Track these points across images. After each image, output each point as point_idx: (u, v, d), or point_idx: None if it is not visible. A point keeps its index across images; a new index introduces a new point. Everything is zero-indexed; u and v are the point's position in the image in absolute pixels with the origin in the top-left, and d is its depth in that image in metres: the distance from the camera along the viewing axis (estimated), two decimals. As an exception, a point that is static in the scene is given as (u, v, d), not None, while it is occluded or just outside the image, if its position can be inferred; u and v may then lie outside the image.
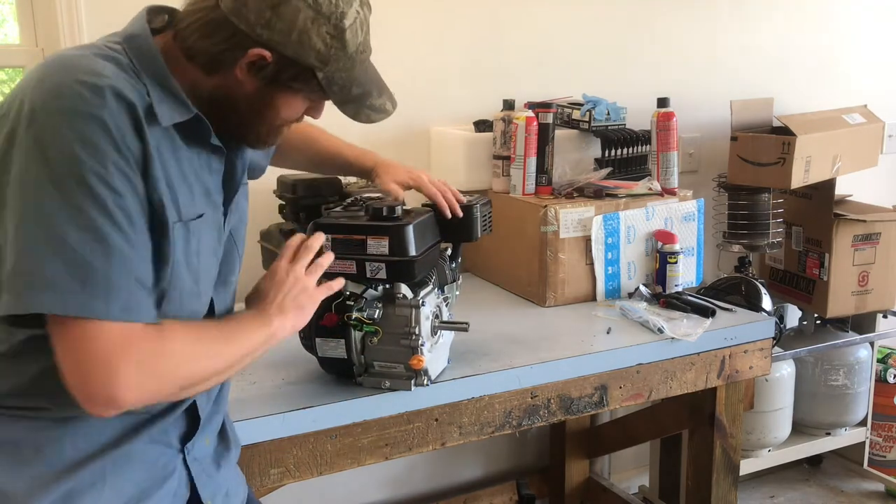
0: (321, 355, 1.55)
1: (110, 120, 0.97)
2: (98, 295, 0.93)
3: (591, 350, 1.80)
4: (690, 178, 2.71)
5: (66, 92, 0.96)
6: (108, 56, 1.04)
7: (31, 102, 0.97)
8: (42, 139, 0.94)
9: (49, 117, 0.95)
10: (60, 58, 1.03)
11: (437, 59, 2.38)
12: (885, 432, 3.06)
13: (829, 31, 3.08)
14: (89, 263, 0.93)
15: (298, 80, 1.12)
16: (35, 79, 1.00)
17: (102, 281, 0.94)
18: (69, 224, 0.93)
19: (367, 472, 2.38)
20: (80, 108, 0.95)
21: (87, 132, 0.95)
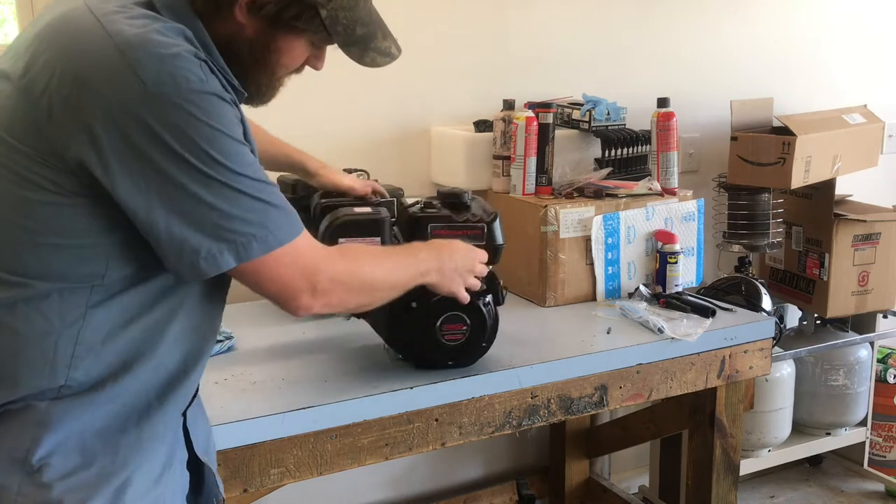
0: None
1: (222, 92, 1.02)
2: (282, 223, 1.06)
3: (591, 350, 1.80)
4: (690, 178, 2.71)
5: (183, 74, 0.97)
6: (166, 24, 1.03)
7: (136, 84, 0.96)
8: (172, 122, 0.97)
9: (175, 99, 0.97)
10: (136, 32, 1.00)
11: (437, 59, 2.38)
12: (885, 432, 3.06)
13: (830, 32, 3.08)
14: (271, 203, 1.05)
15: (301, 18, 1.10)
16: (117, 56, 0.97)
17: (278, 213, 1.06)
18: (238, 183, 1.01)
19: (367, 472, 2.37)
20: (201, 87, 0.99)
21: (218, 109, 1.00)
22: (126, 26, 0.99)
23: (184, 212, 0.99)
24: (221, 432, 1.42)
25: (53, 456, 1.01)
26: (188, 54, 1.00)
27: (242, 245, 1.02)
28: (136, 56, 0.97)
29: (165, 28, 1.01)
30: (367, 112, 2.30)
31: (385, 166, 2.23)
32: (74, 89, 0.97)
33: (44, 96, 0.98)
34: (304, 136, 2.05)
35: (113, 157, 0.97)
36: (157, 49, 0.98)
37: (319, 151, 1.85)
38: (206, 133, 0.98)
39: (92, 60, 0.98)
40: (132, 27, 1.00)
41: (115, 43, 0.98)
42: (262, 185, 1.04)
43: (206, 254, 1.01)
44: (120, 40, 0.98)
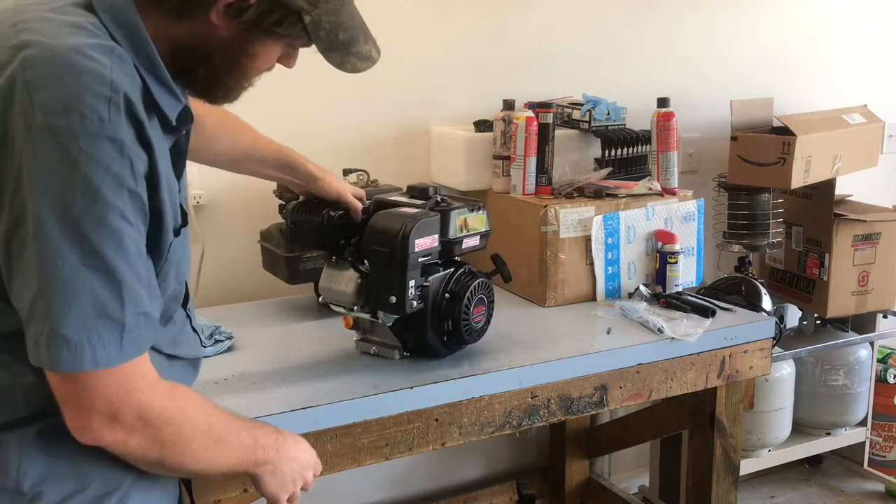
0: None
1: (126, 138, 0.88)
2: (112, 342, 0.89)
3: (591, 350, 1.80)
4: (690, 178, 2.71)
5: (79, 108, 0.85)
6: (95, 41, 0.90)
7: (27, 106, 0.85)
8: (49, 160, 0.84)
9: (58, 134, 0.85)
10: (46, 44, 0.87)
11: (437, 59, 2.38)
12: (886, 432, 3.06)
13: (830, 32, 3.08)
14: (106, 311, 0.88)
15: (283, 24, 1.02)
16: (25, 70, 0.86)
17: (115, 327, 0.89)
18: (84, 268, 0.86)
19: (367, 472, 2.37)
20: (98, 130, 0.86)
21: (105, 157, 0.86)
22: (40, 37, 0.88)
23: (30, 273, 0.86)
24: (221, 432, 1.41)
25: (45, 483, 0.97)
26: (100, 84, 0.87)
27: (52, 349, 0.87)
28: (35, 76, 0.86)
29: (91, 47, 0.89)
30: (367, 112, 2.30)
31: (385, 166, 2.23)
32: None
33: None
34: (304, 136, 2.05)
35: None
36: (61, 72, 0.86)
37: (319, 151, 1.85)
38: (76, 184, 0.85)
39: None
40: (48, 39, 0.88)
41: (21, 57, 0.87)
42: (117, 283, 0.88)
43: (30, 340, 0.88)
44: (27, 54, 0.87)
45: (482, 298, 1.68)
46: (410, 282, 1.53)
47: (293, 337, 1.85)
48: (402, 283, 1.53)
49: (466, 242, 1.67)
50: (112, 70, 0.89)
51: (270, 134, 1.64)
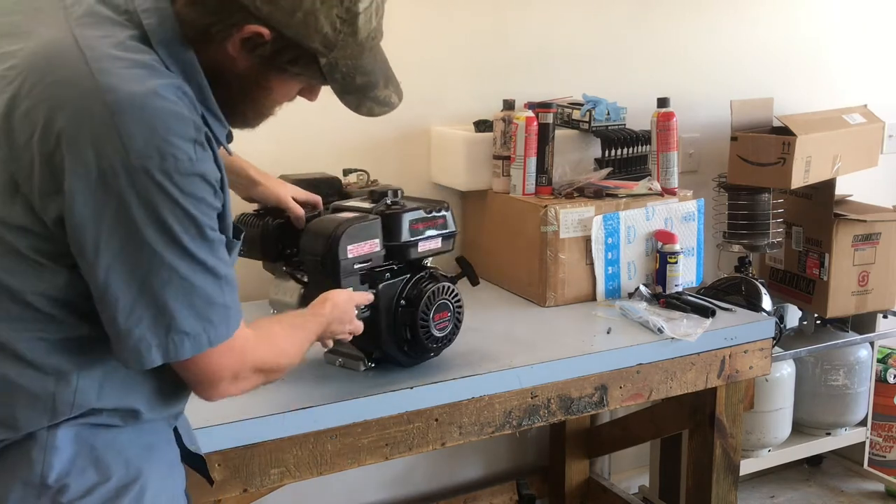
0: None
1: (209, 168, 0.98)
2: (221, 322, 1.02)
3: (591, 350, 1.80)
4: (690, 178, 2.70)
5: (172, 152, 0.92)
6: (167, 82, 0.96)
7: (121, 151, 0.90)
8: (150, 199, 0.92)
9: (156, 175, 0.92)
10: (127, 90, 0.92)
11: (437, 59, 2.38)
12: (886, 432, 3.06)
13: (830, 32, 3.08)
14: (213, 301, 1.00)
15: (298, 63, 1.04)
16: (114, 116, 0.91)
17: (223, 310, 1.02)
18: (193, 274, 0.97)
19: (367, 472, 2.37)
20: (189, 168, 0.94)
21: (198, 191, 0.96)
22: (119, 81, 0.93)
23: (125, 293, 0.95)
24: (221, 432, 1.42)
25: (70, 475, 1.00)
26: (184, 126, 0.94)
27: (174, 344, 0.98)
28: (125, 121, 0.91)
29: (164, 88, 0.95)
30: (367, 112, 2.30)
31: (385, 166, 2.23)
32: (59, 150, 0.91)
33: (26, 150, 0.93)
34: (304, 137, 2.06)
35: (79, 223, 0.92)
36: (151, 119, 0.92)
37: (319, 151, 1.85)
38: (180, 217, 0.94)
39: (79, 118, 0.91)
40: (127, 83, 0.93)
41: (105, 102, 0.91)
42: (218, 280, 1.00)
43: (133, 345, 0.97)
44: (111, 99, 0.91)
45: (445, 304, 1.61)
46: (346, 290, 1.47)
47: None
48: None
49: (423, 245, 1.60)
50: (189, 110, 0.96)
51: (270, 135, 1.62)
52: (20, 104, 0.93)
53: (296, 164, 2.00)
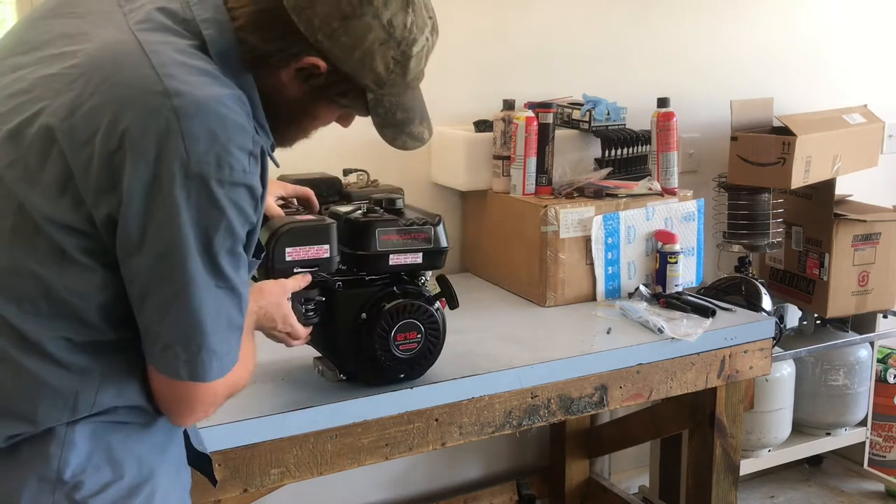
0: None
1: (257, 183, 0.98)
2: (237, 345, 1.03)
3: (591, 350, 1.80)
4: (690, 178, 2.70)
5: (229, 161, 0.94)
6: (229, 91, 0.97)
7: (183, 154, 0.92)
8: (199, 204, 0.93)
9: (209, 183, 0.93)
10: (193, 95, 0.94)
11: (437, 59, 2.36)
12: (886, 432, 3.06)
13: (830, 32, 3.08)
14: (234, 323, 1.01)
15: (347, 96, 1.08)
16: (180, 120, 0.92)
17: (239, 333, 1.03)
18: (221, 291, 0.98)
19: (367, 472, 2.37)
20: (241, 179, 0.95)
21: (242, 202, 0.97)
22: (186, 86, 0.94)
23: (169, 297, 0.96)
24: (221, 432, 1.42)
25: (85, 472, 1.00)
26: (243, 137, 0.96)
27: (202, 364, 0.99)
28: (190, 127, 0.93)
29: (228, 97, 0.97)
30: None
31: (385, 166, 2.23)
32: (121, 150, 0.93)
33: (87, 147, 0.93)
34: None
35: (128, 222, 0.93)
36: (214, 127, 0.94)
37: (319, 151, 1.85)
38: (222, 228, 0.96)
39: (145, 119, 0.93)
40: (193, 88, 0.95)
41: (172, 105, 0.93)
42: (239, 299, 1.01)
43: (164, 353, 0.98)
44: (178, 103, 0.93)
45: (412, 324, 1.52)
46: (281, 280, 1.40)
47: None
48: None
49: (396, 259, 1.52)
50: (248, 122, 0.98)
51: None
52: (84, 102, 0.94)
53: (296, 163, 1.99)
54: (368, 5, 1.01)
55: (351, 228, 1.51)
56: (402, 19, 1.04)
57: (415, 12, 1.06)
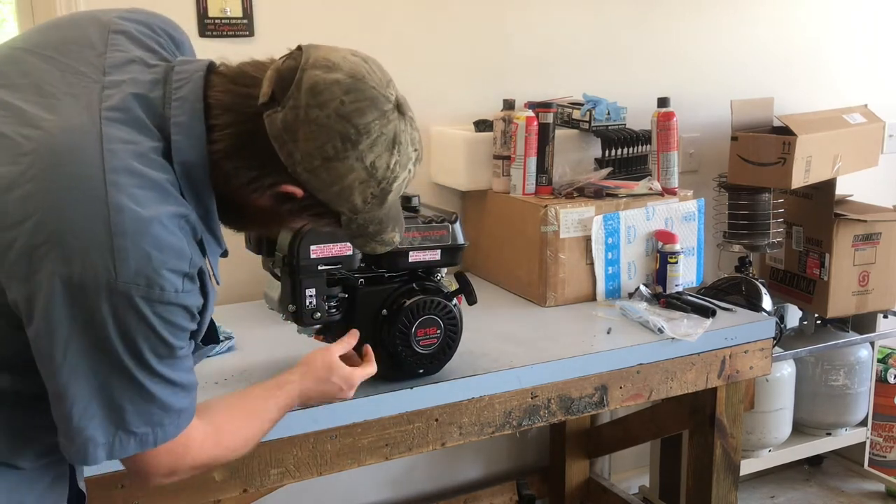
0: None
1: (193, 301, 0.99)
2: (171, 424, 1.02)
3: (591, 350, 1.80)
4: (690, 177, 2.70)
5: (160, 283, 0.93)
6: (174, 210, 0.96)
7: (110, 270, 0.91)
8: (126, 318, 0.93)
9: (137, 301, 0.93)
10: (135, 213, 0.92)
11: (437, 59, 2.38)
12: (886, 432, 3.06)
13: (830, 31, 3.08)
14: (168, 408, 1.01)
15: (321, 218, 1.08)
16: (114, 238, 0.91)
17: (175, 415, 1.02)
18: (153, 385, 0.98)
19: (367, 472, 2.38)
20: (173, 299, 0.95)
21: (175, 318, 0.97)
22: (129, 201, 0.92)
23: (82, 394, 0.95)
24: (221, 432, 1.41)
25: None
26: (179, 260, 0.95)
27: (120, 442, 0.99)
28: (123, 245, 0.91)
29: (172, 218, 0.95)
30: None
31: (385, 166, 2.23)
32: (46, 246, 0.90)
33: (11, 231, 0.91)
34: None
35: (45, 320, 0.92)
36: (149, 249, 0.92)
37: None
38: (151, 340, 0.95)
39: (77, 225, 0.91)
40: (137, 206, 0.92)
41: (108, 219, 0.91)
42: (176, 389, 1.01)
43: (81, 443, 0.97)
44: (116, 219, 0.91)
45: (432, 320, 1.55)
46: (308, 290, 1.45)
47: (293, 337, 1.85)
48: (297, 291, 1.45)
49: (415, 256, 1.55)
50: (188, 244, 0.98)
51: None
52: (24, 184, 0.92)
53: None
54: (353, 149, 0.99)
55: (370, 254, 1.52)
56: (386, 160, 1.02)
57: (400, 152, 1.04)
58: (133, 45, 1.05)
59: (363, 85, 1.00)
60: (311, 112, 0.97)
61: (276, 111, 0.98)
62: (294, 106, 0.97)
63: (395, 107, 1.03)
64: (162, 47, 1.09)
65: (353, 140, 0.99)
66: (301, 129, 0.97)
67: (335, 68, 1.00)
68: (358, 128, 0.99)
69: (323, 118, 0.98)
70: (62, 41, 1.05)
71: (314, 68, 0.99)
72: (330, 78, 0.99)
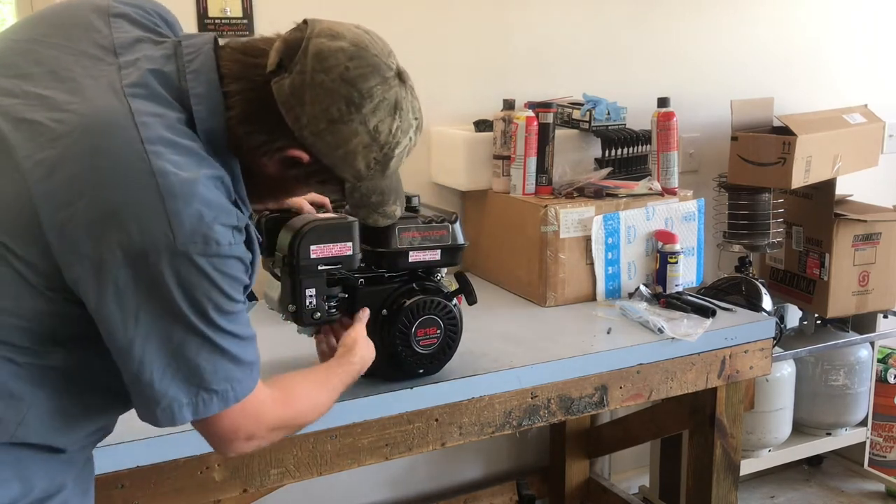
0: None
1: (243, 252, 1.02)
2: (246, 378, 1.06)
3: (591, 350, 1.80)
4: (690, 178, 2.70)
5: (214, 237, 0.97)
6: (213, 172, 1.00)
7: (168, 234, 0.94)
8: (189, 278, 0.96)
9: (197, 259, 0.96)
10: (179, 177, 0.96)
11: (437, 59, 2.38)
12: (886, 432, 3.06)
13: (830, 31, 3.08)
14: (240, 361, 1.04)
15: (325, 184, 1.13)
16: (165, 201, 0.94)
17: (247, 368, 1.06)
18: (223, 341, 1.01)
19: (367, 472, 2.37)
20: (227, 252, 0.99)
21: (232, 270, 1.00)
22: (171, 166, 0.96)
23: (158, 359, 0.99)
24: (221, 432, 1.41)
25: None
26: (227, 215, 0.99)
27: (203, 402, 1.02)
28: (176, 208, 0.95)
29: (211, 179, 0.99)
30: (367, 112, 2.30)
31: (385, 166, 2.23)
32: (102, 220, 0.94)
33: (64, 210, 0.94)
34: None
35: (112, 293, 0.95)
36: (199, 207, 0.96)
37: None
38: (214, 295, 0.99)
39: (129, 196, 0.94)
40: (179, 170, 0.96)
41: (157, 185, 0.95)
42: (243, 342, 1.05)
43: (166, 405, 1.01)
44: (164, 183, 0.95)
45: (432, 320, 1.56)
46: (308, 290, 1.44)
47: (293, 337, 1.85)
48: (297, 291, 1.44)
49: (415, 256, 1.55)
50: (228, 199, 1.02)
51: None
52: (66, 166, 0.95)
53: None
54: (357, 112, 1.05)
55: (372, 226, 1.52)
56: (389, 125, 1.08)
57: (401, 118, 1.10)
58: (134, 26, 1.09)
59: (366, 53, 1.06)
60: (316, 76, 1.03)
61: (283, 77, 1.03)
62: (301, 71, 1.03)
63: (397, 74, 1.10)
64: (157, 26, 1.12)
65: (356, 103, 1.04)
66: (307, 92, 1.03)
67: (339, 37, 1.06)
68: (361, 91, 1.05)
69: (328, 82, 1.03)
70: (65, 28, 1.07)
71: (319, 37, 1.05)
72: (335, 45, 1.05)
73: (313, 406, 1.24)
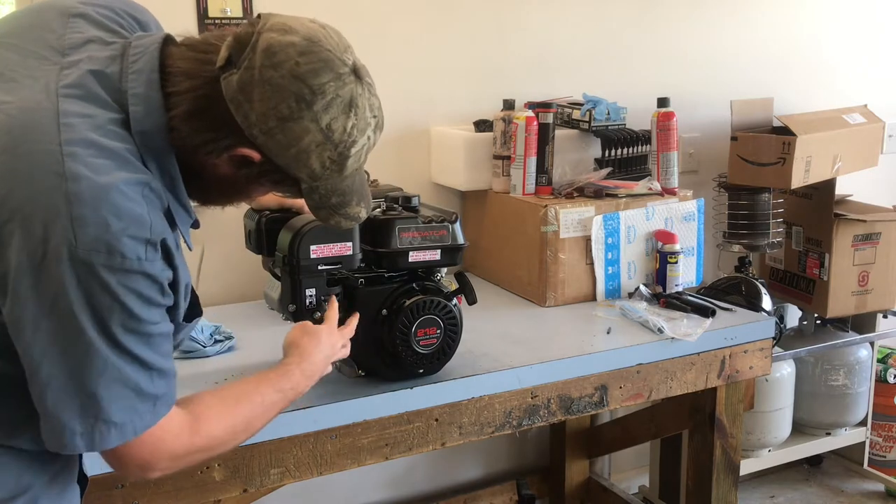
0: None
1: (158, 270, 0.97)
2: (147, 412, 1.00)
3: (591, 350, 1.80)
4: (690, 178, 2.70)
5: (120, 250, 0.93)
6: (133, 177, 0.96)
7: (70, 240, 0.90)
8: (89, 289, 0.92)
9: (100, 271, 0.92)
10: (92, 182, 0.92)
11: (437, 59, 2.38)
12: (885, 432, 3.06)
13: (830, 32, 3.08)
14: (142, 392, 0.99)
15: (280, 184, 1.08)
16: (72, 206, 0.91)
17: (150, 401, 1.00)
18: (125, 365, 0.96)
19: (367, 472, 2.37)
20: (136, 267, 0.94)
21: (140, 288, 0.95)
22: (87, 170, 0.92)
23: (56, 377, 0.94)
24: (221, 432, 1.41)
25: None
26: (139, 227, 0.94)
27: (100, 433, 0.97)
28: (81, 213, 0.91)
29: (132, 185, 0.95)
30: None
31: (385, 166, 2.23)
32: (11, 224, 0.91)
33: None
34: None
35: (17, 299, 0.92)
36: (107, 215, 0.92)
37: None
38: (118, 313, 0.94)
39: (37, 199, 0.91)
40: (95, 174, 0.93)
41: (66, 190, 0.91)
42: (150, 372, 0.99)
43: (59, 430, 0.97)
44: (73, 188, 0.91)
45: (432, 320, 1.55)
46: (308, 290, 1.45)
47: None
48: (297, 291, 1.45)
49: (415, 256, 1.55)
50: (149, 211, 0.96)
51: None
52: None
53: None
54: (308, 109, 1.00)
55: (372, 226, 1.53)
56: (342, 123, 1.02)
57: (357, 115, 1.04)
58: (91, 26, 1.06)
59: (318, 48, 1.01)
60: (265, 72, 0.98)
61: (232, 73, 0.99)
62: (249, 66, 0.98)
63: (352, 71, 1.03)
64: (123, 28, 1.09)
65: (307, 100, 0.99)
66: (256, 89, 0.98)
67: (291, 32, 1.01)
68: (312, 88, 0.99)
69: (277, 78, 0.98)
70: (23, 28, 1.06)
71: (270, 31, 1.00)
72: (285, 40, 1.00)
73: (228, 427, 1.13)
